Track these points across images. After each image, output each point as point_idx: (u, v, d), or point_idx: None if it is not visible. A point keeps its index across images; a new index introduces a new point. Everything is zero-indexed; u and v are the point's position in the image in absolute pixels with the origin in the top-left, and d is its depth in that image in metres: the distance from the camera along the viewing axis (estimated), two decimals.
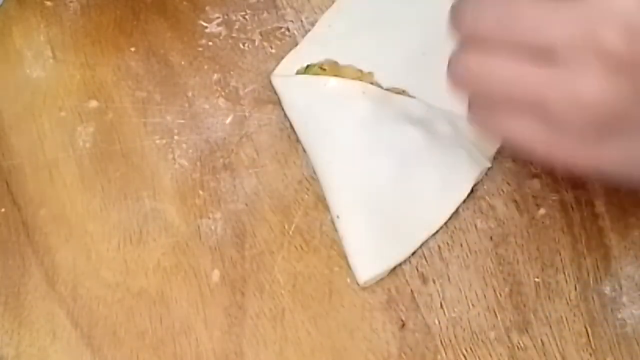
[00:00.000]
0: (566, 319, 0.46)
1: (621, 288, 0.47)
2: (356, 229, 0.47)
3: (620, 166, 0.40)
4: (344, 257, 0.47)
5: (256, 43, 0.52)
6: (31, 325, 0.46)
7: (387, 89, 0.49)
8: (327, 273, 0.47)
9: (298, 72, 0.50)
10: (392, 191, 0.47)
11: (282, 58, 0.52)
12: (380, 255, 0.46)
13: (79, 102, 0.51)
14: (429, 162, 0.47)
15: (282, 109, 0.50)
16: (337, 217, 0.47)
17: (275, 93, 0.50)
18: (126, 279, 0.47)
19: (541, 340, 0.46)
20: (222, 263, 0.47)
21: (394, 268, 0.47)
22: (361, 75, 0.49)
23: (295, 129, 0.49)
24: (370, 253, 0.46)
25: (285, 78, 0.50)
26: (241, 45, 0.52)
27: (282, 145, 0.50)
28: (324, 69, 0.49)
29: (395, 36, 0.52)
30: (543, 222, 0.48)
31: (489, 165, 0.48)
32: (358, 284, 0.46)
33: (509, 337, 0.46)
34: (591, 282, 0.47)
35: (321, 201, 0.48)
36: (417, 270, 0.47)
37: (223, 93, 0.51)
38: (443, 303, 0.46)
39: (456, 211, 0.48)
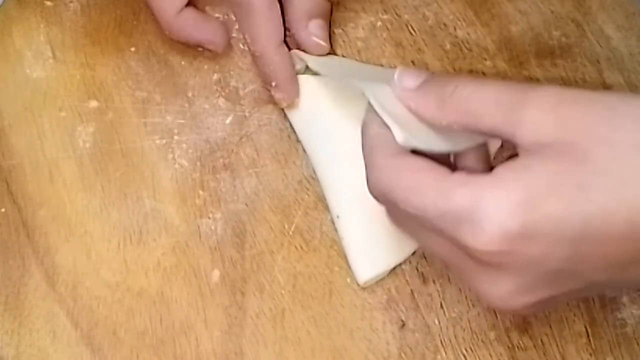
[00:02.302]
0: (566, 319, 0.46)
1: None
2: (356, 229, 0.47)
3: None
4: (344, 257, 0.47)
5: None
6: (31, 325, 0.46)
7: None
8: (327, 273, 0.47)
9: (298, 72, 0.50)
10: None
11: None
12: (380, 255, 0.46)
13: (79, 102, 0.51)
14: None
15: (282, 109, 0.50)
16: (337, 217, 0.47)
17: None
18: (126, 279, 0.47)
19: (541, 340, 0.46)
20: (222, 263, 0.47)
21: (394, 268, 0.47)
22: None
23: (295, 129, 0.49)
24: (370, 253, 0.46)
25: None
26: (241, 45, 0.52)
27: (282, 145, 0.50)
28: None
29: None
30: None
31: None
32: (358, 284, 0.46)
33: (509, 337, 0.46)
34: None
35: (321, 201, 0.48)
36: (417, 270, 0.47)
37: (223, 93, 0.51)
38: (443, 303, 0.46)
39: None
